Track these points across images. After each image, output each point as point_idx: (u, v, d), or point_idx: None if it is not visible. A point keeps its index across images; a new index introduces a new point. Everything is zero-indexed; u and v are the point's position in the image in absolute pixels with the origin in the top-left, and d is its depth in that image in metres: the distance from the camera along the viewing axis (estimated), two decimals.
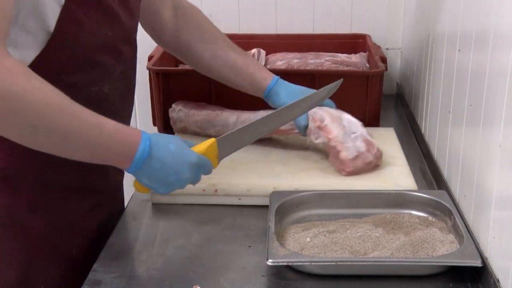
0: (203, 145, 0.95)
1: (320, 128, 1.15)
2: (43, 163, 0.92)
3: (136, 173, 0.89)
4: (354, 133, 1.15)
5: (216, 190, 1.09)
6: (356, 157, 1.12)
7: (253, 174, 1.13)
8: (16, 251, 0.96)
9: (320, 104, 1.17)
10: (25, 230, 0.96)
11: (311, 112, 1.16)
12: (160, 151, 0.88)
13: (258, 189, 1.09)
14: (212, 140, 0.96)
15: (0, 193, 0.93)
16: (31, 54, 0.87)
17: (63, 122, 0.80)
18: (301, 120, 1.16)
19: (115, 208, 1.12)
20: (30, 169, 0.94)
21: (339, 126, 1.15)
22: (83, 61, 0.93)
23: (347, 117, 1.18)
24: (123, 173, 1.11)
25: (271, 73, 1.20)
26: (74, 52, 0.91)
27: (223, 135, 0.99)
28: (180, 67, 1.54)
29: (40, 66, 0.87)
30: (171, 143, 0.90)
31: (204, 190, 1.09)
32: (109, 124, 0.85)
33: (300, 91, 1.18)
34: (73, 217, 1.01)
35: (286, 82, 1.20)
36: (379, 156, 1.15)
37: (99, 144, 0.84)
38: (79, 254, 1.02)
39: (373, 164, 1.14)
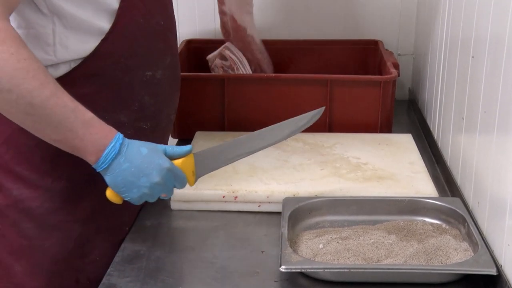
0: (181, 159, 0.93)
1: None
2: None
3: (105, 171, 0.88)
4: None
5: (236, 197, 1.10)
6: None
7: (273, 181, 1.14)
8: (75, 224, 1.01)
9: None
10: (81, 206, 1.00)
11: None
12: (130, 150, 0.88)
13: (277, 196, 1.09)
14: (190, 154, 0.94)
15: (61, 170, 0.97)
16: (98, 38, 0.94)
17: (40, 97, 0.82)
18: None
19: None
20: None
21: None
22: (140, 46, 0.99)
23: None
24: None
25: None
26: (133, 36, 0.97)
27: (201, 151, 0.97)
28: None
29: (104, 49, 0.94)
30: (145, 146, 0.89)
31: (224, 196, 1.10)
32: (87, 114, 0.86)
33: None
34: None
35: None
36: None
37: (71, 129, 0.84)
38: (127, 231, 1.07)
39: None
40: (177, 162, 0.92)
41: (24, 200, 0.98)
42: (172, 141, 1.39)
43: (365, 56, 1.62)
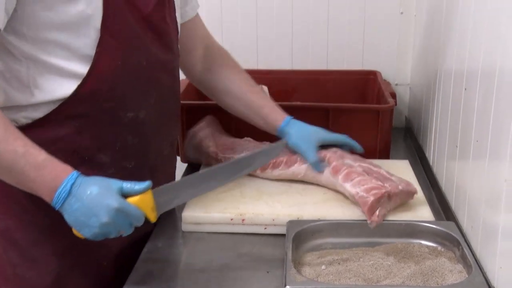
0: (137, 196, 0.92)
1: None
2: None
3: (61, 210, 0.90)
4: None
5: (243, 220, 1.14)
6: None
7: (278, 204, 1.17)
8: (53, 257, 1.02)
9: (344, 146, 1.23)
10: (59, 240, 1.01)
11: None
12: (81, 191, 0.88)
13: (282, 219, 1.12)
14: (148, 191, 0.93)
15: (38, 205, 0.96)
16: (75, 81, 0.95)
17: None
18: (311, 157, 1.19)
19: (144, 228, 1.14)
20: None
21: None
22: (119, 88, 0.99)
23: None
24: None
25: (284, 113, 1.24)
26: (112, 79, 0.97)
27: (161, 187, 0.95)
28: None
29: (83, 92, 0.95)
30: (96, 185, 0.89)
31: (232, 219, 1.14)
32: (39, 157, 0.88)
33: (313, 131, 1.22)
34: None
35: (298, 122, 1.23)
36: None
37: (22, 173, 0.88)
38: (108, 265, 1.08)
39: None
40: (134, 199, 0.91)
41: (9, 230, 1.01)
42: (182, 166, 1.42)
43: (364, 86, 1.67)
